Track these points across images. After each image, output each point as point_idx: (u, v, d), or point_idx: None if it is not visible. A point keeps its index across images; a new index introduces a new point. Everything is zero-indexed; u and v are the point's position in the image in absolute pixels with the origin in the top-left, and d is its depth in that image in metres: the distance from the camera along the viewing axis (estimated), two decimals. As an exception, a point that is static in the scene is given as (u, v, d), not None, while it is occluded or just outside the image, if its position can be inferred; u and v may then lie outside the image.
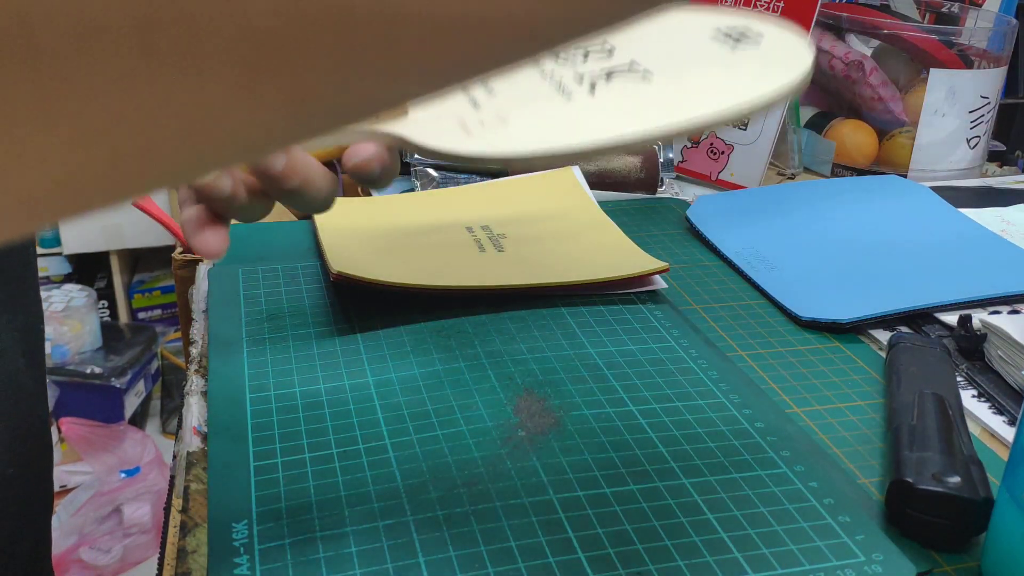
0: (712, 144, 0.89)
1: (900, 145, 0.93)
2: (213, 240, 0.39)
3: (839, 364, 0.56)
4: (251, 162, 0.37)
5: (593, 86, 0.35)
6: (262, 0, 0.12)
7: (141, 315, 2.30)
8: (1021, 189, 0.88)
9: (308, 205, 0.40)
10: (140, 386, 2.07)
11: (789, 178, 0.93)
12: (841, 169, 0.94)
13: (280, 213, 0.85)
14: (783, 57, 0.37)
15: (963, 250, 0.70)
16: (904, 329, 0.61)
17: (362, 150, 0.39)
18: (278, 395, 0.50)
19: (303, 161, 0.38)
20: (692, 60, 0.36)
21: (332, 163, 0.41)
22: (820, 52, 0.95)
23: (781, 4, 0.82)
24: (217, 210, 0.39)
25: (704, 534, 0.41)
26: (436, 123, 0.36)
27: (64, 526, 1.71)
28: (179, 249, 0.79)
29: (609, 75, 0.35)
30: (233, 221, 0.40)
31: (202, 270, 0.65)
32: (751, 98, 0.34)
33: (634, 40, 0.38)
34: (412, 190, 0.79)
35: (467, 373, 0.53)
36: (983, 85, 0.91)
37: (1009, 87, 1.36)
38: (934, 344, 0.55)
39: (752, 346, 0.58)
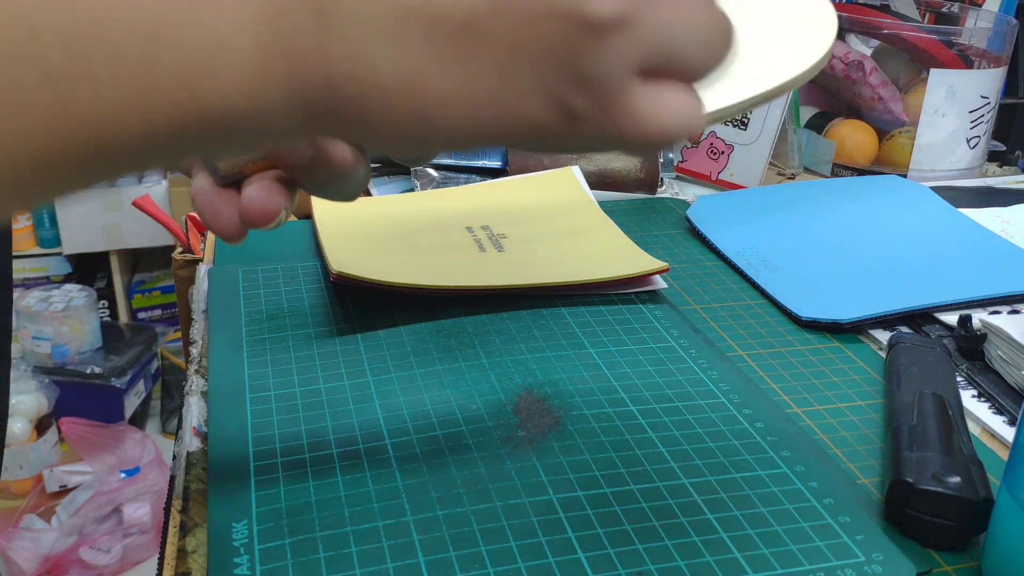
0: (712, 144, 0.89)
1: (900, 145, 0.93)
2: (228, 215, 0.34)
3: (839, 364, 0.56)
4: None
5: None
6: None
7: (141, 315, 2.30)
8: (1021, 189, 0.88)
9: (337, 194, 0.36)
10: (140, 386, 2.07)
11: (789, 178, 0.93)
12: (841, 169, 0.94)
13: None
14: (803, 12, 0.36)
15: (963, 250, 0.70)
16: (904, 329, 0.61)
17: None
18: (278, 395, 0.50)
19: (335, 150, 0.35)
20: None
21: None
22: (820, 52, 0.95)
23: (781, 4, 0.82)
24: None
25: (704, 534, 0.41)
26: None
27: (64, 526, 1.71)
28: (179, 249, 0.79)
29: None
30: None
31: (202, 270, 0.65)
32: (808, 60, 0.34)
33: None
34: (412, 190, 0.79)
35: (467, 373, 0.53)
36: (983, 85, 0.91)
37: (1009, 87, 1.36)
38: (934, 344, 0.55)
39: (752, 346, 0.58)
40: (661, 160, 0.85)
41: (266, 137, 0.29)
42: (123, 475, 1.82)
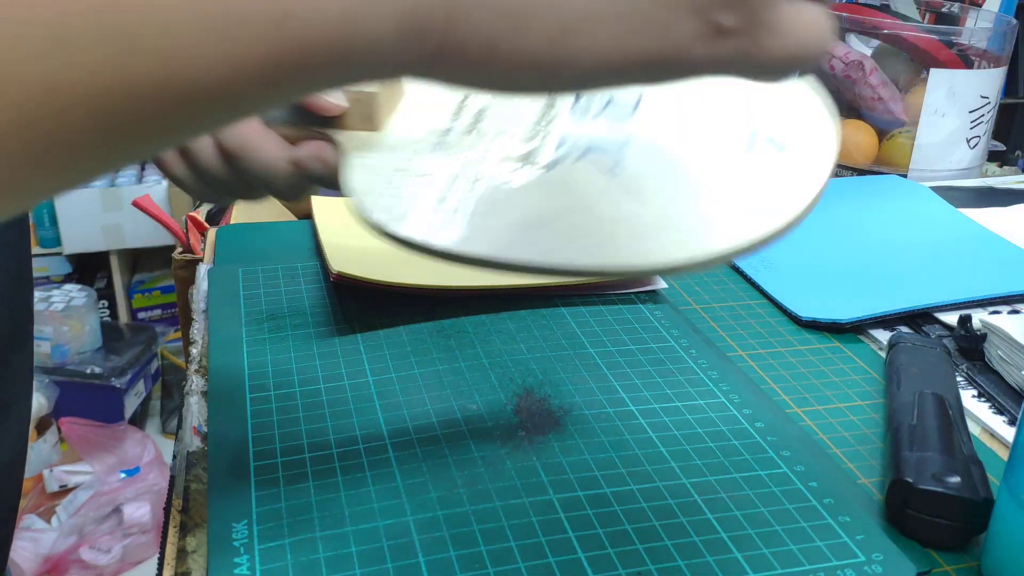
0: (712, 144, 0.89)
1: (900, 145, 0.93)
2: (276, 150, 0.41)
3: (839, 364, 0.56)
4: None
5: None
6: None
7: (141, 315, 2.30)
8: (1021, 189, 0.88)
9: (267, 187, 0.42)
10: (140, 386, 2.07)
11: (789, 178, 0.93)
12: (841, 169, 0.94)
13: (280, 213, 0.86)
14: (804, 168, 0.36)
15: (963, 250, 0.70)
16: (904, 329, 0.61)
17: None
18: (278, 395, 0.50)
19: (247, 135, 0.40)
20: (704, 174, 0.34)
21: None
22: (820, 52, 0.95)
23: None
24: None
25: (704, 534, 0.41)
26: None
27: (64, 526, 1.71)
28: (179, 249, 0.79)
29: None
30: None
31: (202, 270, 0.65)
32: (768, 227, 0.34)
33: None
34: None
35: (467, 373, 0.53)
36: (983, 85, 0.91)
37: (1009, 87, 1.36)
38: (934, 344, 0.55)
39: (752, 346, 0.58)
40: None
41: (366, 74, 0.25)
42: (123, 475, 1.82)
